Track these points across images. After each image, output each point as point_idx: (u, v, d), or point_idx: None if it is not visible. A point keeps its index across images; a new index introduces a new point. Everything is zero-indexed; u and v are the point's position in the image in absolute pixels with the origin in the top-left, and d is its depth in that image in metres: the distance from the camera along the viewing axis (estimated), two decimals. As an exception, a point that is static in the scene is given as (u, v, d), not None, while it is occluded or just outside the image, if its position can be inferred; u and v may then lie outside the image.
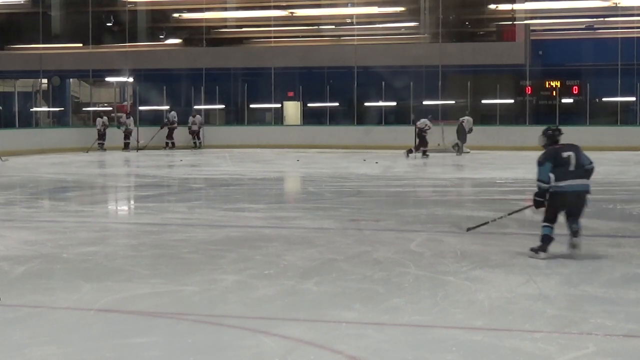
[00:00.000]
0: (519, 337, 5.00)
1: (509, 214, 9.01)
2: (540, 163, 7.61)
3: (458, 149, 24.68)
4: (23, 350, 4.76)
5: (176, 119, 28.83)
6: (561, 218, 7.75)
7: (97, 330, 5.24)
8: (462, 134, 24.64)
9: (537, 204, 7.72)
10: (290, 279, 6.67)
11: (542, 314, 5.55)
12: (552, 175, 7.50)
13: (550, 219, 7.58)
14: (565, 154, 7.55)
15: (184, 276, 6.79)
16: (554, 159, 7.55)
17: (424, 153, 23.51)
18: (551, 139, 7.76)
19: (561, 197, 7.52)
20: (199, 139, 28.76)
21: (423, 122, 23.94)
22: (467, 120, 24.78)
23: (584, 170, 7.63)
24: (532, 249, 7.58)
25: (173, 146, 28.42)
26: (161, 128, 28.72)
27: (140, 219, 11.09)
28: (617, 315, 5.47)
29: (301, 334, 5.07)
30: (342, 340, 4.92)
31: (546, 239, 7.51)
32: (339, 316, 5.48)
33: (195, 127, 28.78)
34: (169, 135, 28.60)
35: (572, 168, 7.52)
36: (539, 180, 7.59)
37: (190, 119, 29.00)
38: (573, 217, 7.63)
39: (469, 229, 9.02)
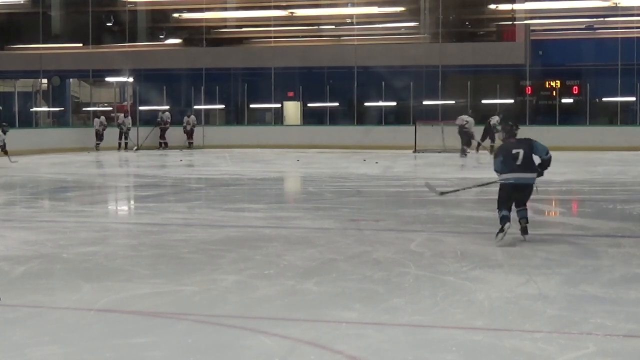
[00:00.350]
0: (519, 337, 5.00)
1: (479, 185, 10.02)
2: (495, 156, 8.70)
3: (490, 148, 24.39)
4: (23, 350, 4.76)
5: (169, 119, 29.03)
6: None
7: (97, 330, 5.24)
8: (491, 133, 24.44)
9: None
10: (290, 279, 6.67)
11: (542, 314, 5.55)
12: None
13: (502, 205, 8.40)
14: (515, 151, 8.43)
15: (184, 276, 6.79)
16: (505, 153, 8.50)
17: (464, 152, 23.52)
18: (509, 134, 8.68)
19: (508, 188, 8.45)
20: (191, 138, 28.86)
21: (460, 119, 23.92)
22: (494, 119, 24.59)
23: (534, 163, 8.51)
24: (497, 235, 8.23)
25: (166, 146, 28.60)
26: (155, 127, 28.86)
27: (140, 219, 11.09)
28: (617, 315, 5.47)
29: (301, 334, 5.07)
30: (342, 340, 4.92)
31: (503, 219, 8.30)
32: (339, 316, 5.48)
33: (189, 127, 28.90)
34: (162, 135, 28.81)
35: (519, 162, 8.38)
36: (495, 170, 8.62)
37: (185, 119, 29.14)
38: (520, 206, 8.49)
39: (442, 193, 10.10)
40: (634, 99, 28.12)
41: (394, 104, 30.68)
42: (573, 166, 20.21)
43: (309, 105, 31.97)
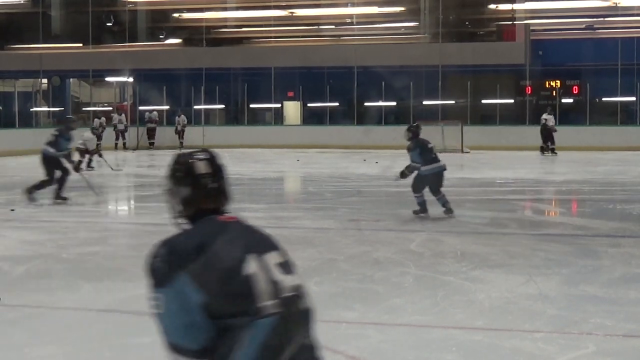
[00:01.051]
0: (519, 337, 5.00)
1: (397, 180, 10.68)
2: (412, 149, 10.16)
3: (546, 149, 23.86)
4: (23, 350, 4.76)
5: (157, 119, 29.15)
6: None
7: (97, 330, 5.24)
8: (548, 133, 24.13)
9: (404, 176, 10.30)
10: (290, 279, 6.66)
11: (542, 314, 5.54)
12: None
13: (419, 190, 10.10)
14: (430, 145, 10.22)
15: (184, 276, 6.78)
16: (421, 147, 10.10)
17: (543, 149, 23.60)
18: (415, 134, 10.29)
19: (426, 177, 10.05)
20: (182, 138, 28.85)
21: (542, 118, 23.98)
22: (550, 118, 24.36)
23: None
24: (415, 212, 10.06)
25: (151, 146, 28.75)
26: (144, 127, 29.01)
27: (140, 219, 11.09)
28: (617, 315, 5.47)
29: (301, 334, 5.07)
30: (342, 340, 4.91)
31: (423, 204, 10.07)
32: (339, 316, 5.48)
33: (180, 127, 28.94)
34: (150, 135, 28.94)
35: (433, 155, 10.14)
36: (412, 161, 10.11)
37: (176, 119, 29.14)
38: (435, 192, 10.06)
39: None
40: (634, 99, 28.11)
41: (394, 104, 30.67)
42: (573, 166, 20.21)
43: (309, 105, 31.96)
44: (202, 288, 2.29)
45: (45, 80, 32.08)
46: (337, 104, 31.33)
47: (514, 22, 30.50)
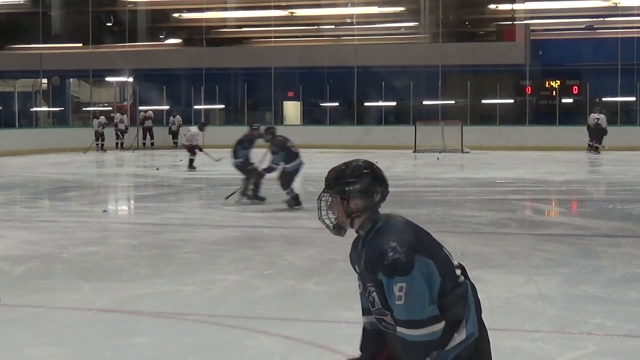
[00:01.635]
0: (519, 337, 5.00)
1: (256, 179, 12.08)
2: (276, 152, 11.35)
3: (594, 149, 23.94)
4: (23, 350, 4.76)
5: (152, 116, 29.28)
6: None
7: (97, 330, 5.24)
8: (599, 132, 24.08)
9: (269, 171, 11.53)
10: (290, 279, 6.67)
11: (542, 314, 5.54)
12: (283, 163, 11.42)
13: (288, 186, 11.25)
14: (289, 144, 11.47)
15: (184, 276, 6.79)
16: (284, 148, 11.36)
17: (596, 148, 23.66)
18: (273, 134, 11.58)
19: (291, 173, 11.32)
20: (177, 138, 28.82)
21: (592, 117, 24.16)
22: (602, 118, 24.32)
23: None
24: (289, 204, 11.11)
25: (152, 146, 28.83)
26: (139, 127, 29.10)
27: (140, 219, 11.09)
28: (617, 315, 5.47)
29: (301, 334, 5.07)
30: (342, 340, 4.91)
31: (296, 197, 11.19)
32: (338, 316, 5.48)
33: (175, 127, 28.94)
34: (144, 136, 28.99)
35: (295, 151, 11.47)
36: (274, 163, 11.34)
37: (171, 119, 29.15)
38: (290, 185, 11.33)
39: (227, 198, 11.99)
40: (634, 99, 28.11)
41: (394, 104, 30.67)
42: (573, 166, 20.21)
43: (309, 105, 31.95)
44: (436, 263, 2.71)
45: (45, 80, 32.10)
46: (337, 104, 31.33)
47: (514, 22, 30.50)
